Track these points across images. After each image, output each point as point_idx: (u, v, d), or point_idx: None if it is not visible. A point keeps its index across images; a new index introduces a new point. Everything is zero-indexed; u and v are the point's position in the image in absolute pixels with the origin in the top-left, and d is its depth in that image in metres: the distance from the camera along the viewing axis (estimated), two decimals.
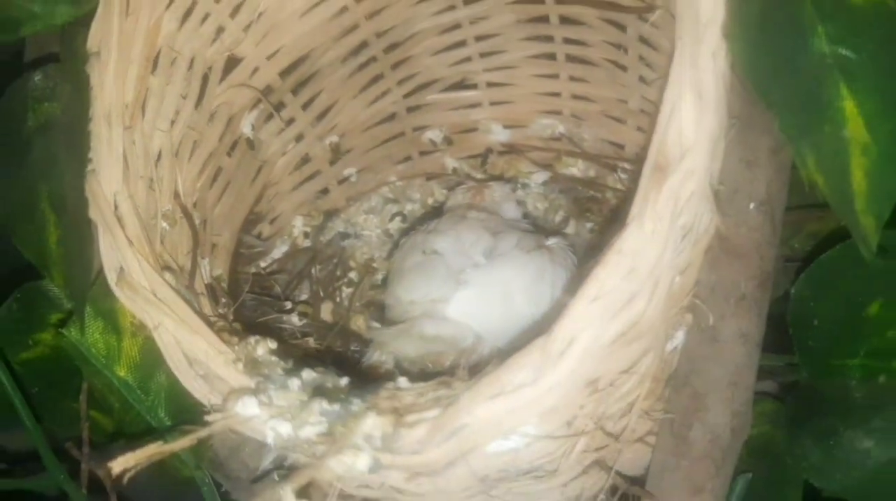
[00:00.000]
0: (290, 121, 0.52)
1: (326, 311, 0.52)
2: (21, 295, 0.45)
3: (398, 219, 0.57)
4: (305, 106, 0.53)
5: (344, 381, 0.34)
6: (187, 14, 0.43)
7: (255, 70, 0.49)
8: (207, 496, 0.41)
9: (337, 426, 0.32)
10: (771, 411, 0.41)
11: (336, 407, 0.32)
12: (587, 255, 0.48)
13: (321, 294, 0.53)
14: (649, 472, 0.38)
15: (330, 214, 0.56)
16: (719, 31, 0.32)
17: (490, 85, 0.58)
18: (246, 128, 0.49)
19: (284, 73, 0.50)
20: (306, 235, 0.55)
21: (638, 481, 0.39)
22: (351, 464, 0.31)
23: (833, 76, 0.33)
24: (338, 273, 0.54)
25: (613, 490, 0.40)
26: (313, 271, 0.54)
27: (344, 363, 0.46)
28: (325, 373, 0.34)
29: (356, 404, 0.32)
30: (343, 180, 0.57)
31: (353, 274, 0.55)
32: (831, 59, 0.33)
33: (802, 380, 0.39)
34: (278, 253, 0.54)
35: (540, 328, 0.31)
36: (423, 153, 0.59)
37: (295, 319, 0.49)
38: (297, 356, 0.37)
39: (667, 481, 0.37)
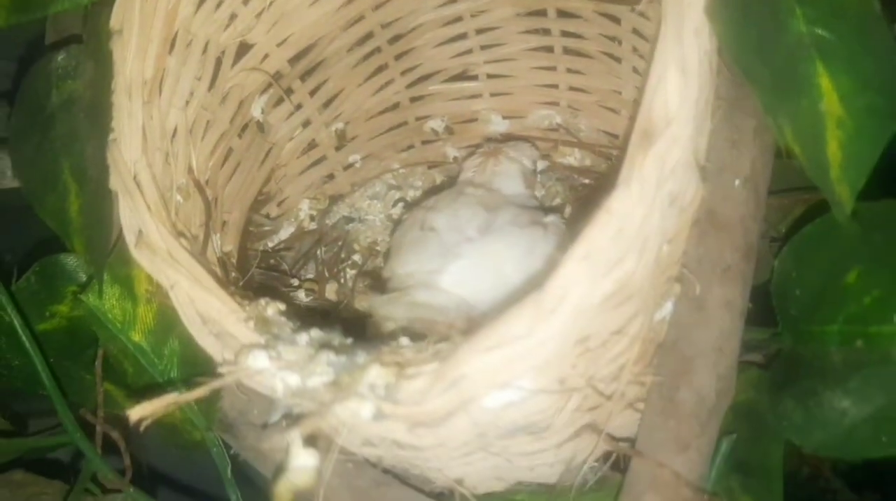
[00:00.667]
0: (298, 107, 0.55)
1: (331, 291, 0.54)
2: (40, 269, 0.47)
3: (401, 204, 0.59)
4: (313, 93, 0.55)
5: (349, 340, 0.36)
6: (203, 0, 0.46)
7: (266, 56, 0.51)
8: (217, 457, 0.43)
9: (343, 376, 0.34)
10: (756, 378, 0.43)
11: (342, 358, 0.34)
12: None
13: (326, 274, 0.55)
14: (638, 432, 0.40)
15: (335, 199, 0.59)
16: (702, 10, 0.34)
17: (490, 76, 0.60)
18: (256, 111, 0.51)
19: (293, 61, 0.53)
20: (312, 218, 0.57)
21: (627, 442, 0.41)
22: (355, 411, 0.33)
23: (810, 54, 0.36)
24: (342, 255, 0.56)
25: (606, 456, 0.42)
26: (319, 252, 0.56)
27: (348, 334, 0.48)
28: (332, 332, 0.36)
29: (361, 357, 0.34)
30: (348, 166, 0.59)
31: (356, 257, 0.57)
32: (809, 38, 0.36)
33: (785, 347, 0.41)
34: (285, 234, 0.56)
35: (533, 288, 0.33)
36: (425, 142, 0.61)
37: (302, 295, 0.51)
38: (305, 320, 0.39)
39: (654, 439, 0.39)
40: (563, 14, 0.56)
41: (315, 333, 0.37)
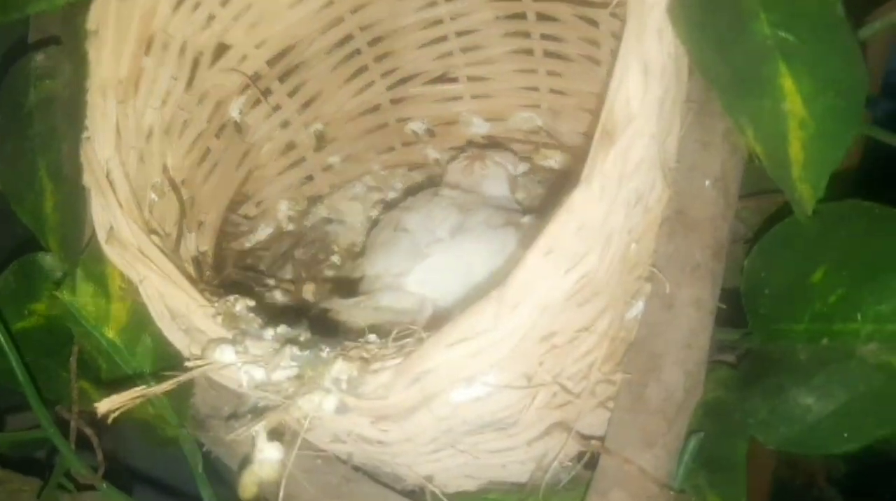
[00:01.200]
0: (277, 108, 0.55)
1: (308, 292, 0.55)
2: (18, 267, 0.48)
3: (380, 206, 0.60)
4: (291, 94, 0.55)
5: (315, 336, 0.36)
6: (180, 1, 0.46)
7: (244, 57, 0.51)
8: (190, 453, 0.43)
9: (307, 370, 0.34)
10: (726, 377, 0.43)
11: (307, 353, 0.34)
12: None
13: (303, 275, 0.55)
14: (607, 429, 0.40)
15: (314, 200, 0.59)
16: (664, 12, 0.35)
17: (471, 79, 0.60)
18: (234, 112, 0.52)
19: (272, 62, 0.53)
20: (291, 219, 0.58)
21: (599, 441, 0.41)
22: (319, 404, 0.33)
23: (774, 56, 0.36)
24: (321, 256, 0.57)
25: (580, 456, 0.42)
26: (297, 253, 0.56)
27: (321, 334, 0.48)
28: (299, 327, 0.37)
29: (326, 351, 0.35)
30: (327, 167, 0.59)
31: (335, 258, 0.57)
32: (772, 41, 0.36)
33: (753, 346, 0.42)
34: (263, 235, 0.56)
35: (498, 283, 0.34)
36: (406, 144, 0.62)
37: (278, 295, 0.52)
38: (279, 319, 0.39)
39: (622, 436, 0.39)
40: (542, 17, 0.57)
41: (282, 329, 0.37)
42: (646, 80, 0.34)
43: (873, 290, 0.37)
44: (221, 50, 0.50)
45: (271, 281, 0.53)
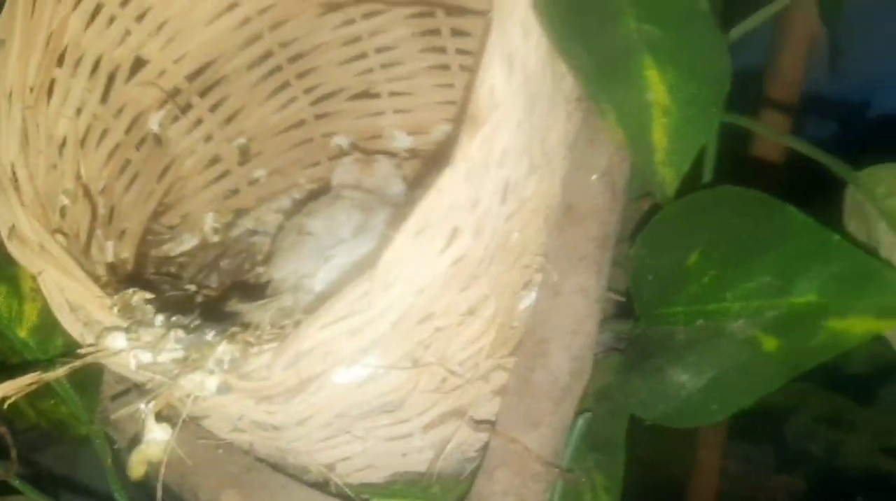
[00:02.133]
0: (199, 122, 0.57)
1: (233, 302, 0.56)
2: None
3: None
4: (213, 108, 0.57)
5: (204, 323, 0.38)
6: (93, 16, 0.48)
7: (162, 72, 0.53)
8: (100, 449, 0.44)
9: (191, 352, 0.35)
10: (617, 364, 0.45)
11: (191, 336, 0.36)
12: None
13: (227, 284, 0.57)
14: (498, 412, 0.42)
15: (240, 212, 0.61)
16: (529, 6, 0.37)
17: (392, 94, 0.63)
18: (153, 125, 0.53)
19: (191, 77, 0.55)
20: (216, 231, 0.59)
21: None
22: (200, 383, 0.35)
23: (639, 49, 0.38)
24: (246, 266, 0.58)
25: (485, 447, 0.44)
26: (222, 264, 0.58)
27: None
28: (190, 316, 0.38)
29: (210, 335, 0.36)
30: (253, 181, 0.61)
31: (260, 268, 0.59)
32: (637, 34, 0.38)
33: (638, 331, 0.43)
34: (188, 245, 0.57)
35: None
36: (331, 158, 0.64)
37: (197, 299, 0.53)
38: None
39: (510, 418, 0.41)
40: (456, 33, 0.59)
41: (174, 318, 0.38)
42: (510, 71, 0.35)
43: (741, 269, 0.39)
44: (139, 64, 0.52)
45: (192, 288, 0.54)
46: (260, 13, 0.56)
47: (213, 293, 0.55)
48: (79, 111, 0.47)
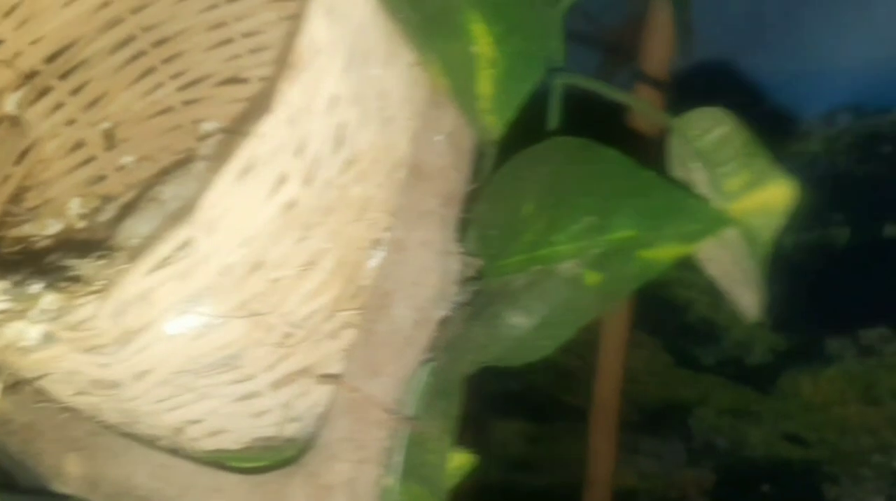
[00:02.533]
0: (60, 106, 0.57)
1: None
2: None
3: None
4: (75, 92, 0.57)
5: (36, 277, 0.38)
6: None
7: (18, 54, 0.53)
8: None
9: (16, 303, 0.35)
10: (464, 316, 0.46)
11: (17, 288, 0.36)
12: None
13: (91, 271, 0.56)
14: (345, 365, 0.42)
15: (108, 198, 0.60)
16: None
17: (261, 79, 0.63)
18: (10, 106, 0.53)
19: (49, 60, 0.55)
20: (82, 216, 0.59)
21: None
22: (23, 333, 0.34)
23: (466, 4, 0.40)
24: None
25: None
26: (88, 251, 0.57)
27: None
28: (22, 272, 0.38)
29: (36, 287, 0.36)
30: (120, 167, 0.61)
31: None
32: None
33: (483, 284, 0.44)
34: (52, 230, 0.57)
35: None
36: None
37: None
38: None
39: (353, 369, 0.41)
40: None
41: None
42: (330, 21, 0.37)
43: (568, 213, 0.40)
44: None
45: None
46: None
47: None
48: None
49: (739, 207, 0.41)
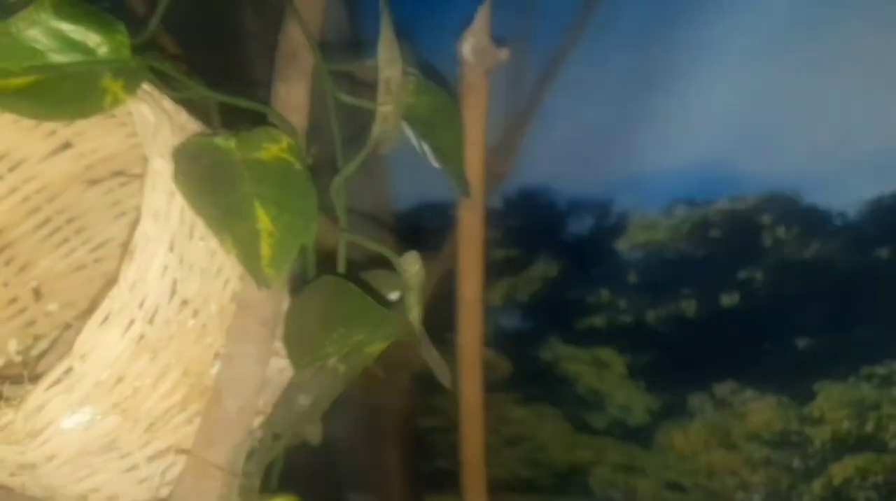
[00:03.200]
0: None
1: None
2: None
3: None
4: (7, 263, 0.78)
5: None
6: None
7: None
8: None
9: None
10: None
11: None
12: None
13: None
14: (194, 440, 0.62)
15: (38, 337, 0.81)
16: (171, 179, 0.59)
17: None
18: None
19: None
20: (19, 352, 0.79)
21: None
22: None
23: (252, 199, 0.61)
24: None
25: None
26: (26, 375, 0.77)
27: None
28: None
29: None
30: (48, 313, 0.82)
31: None
32: (251, 190, 0.61)
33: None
34: None
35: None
36: None
37: None
38: None
39: (197, 442, 0.61)
40: None
41: None
42: (155, 220, 0.58)
43: (332, 327, 0.61)
44: None
45: None
46: (38, 191, 0.78)
47: None
48: None
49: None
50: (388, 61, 0.60)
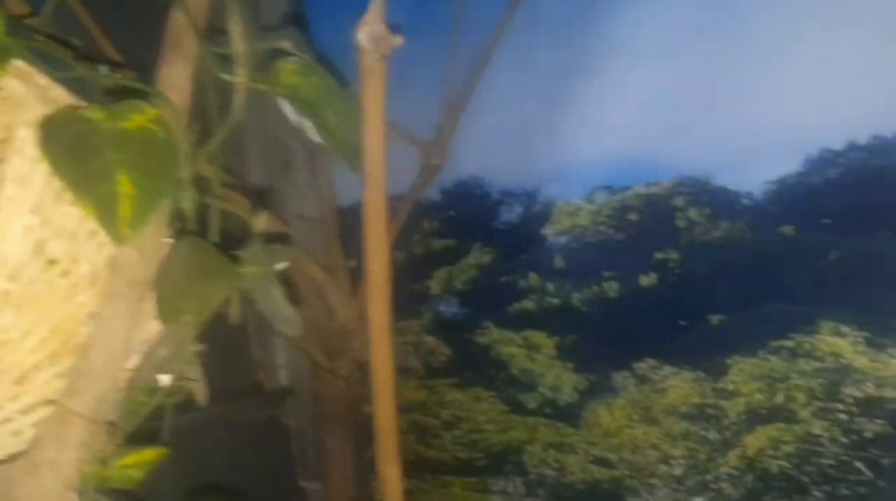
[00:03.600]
0: None
1: None
2: None
3: None
4: None
5: None
6: None
7: None
8: None
9: None
10: None
11: None
12: None
13: None
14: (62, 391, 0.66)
15: None
16: (35, 145, 0.64)
17: None
18: None
19: None
20: None
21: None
22: None
23: (115, 165, 0.65)
24: None
25: None
26: None
27: None
28: None
29: None
30: None
31: None
32: (114, 157, 0.66)
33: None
34: None
35: None
36: None
37: None
38: None
39: (64, 392, 0.66)
40: None
41: None
42: (17, 184, 0.62)
43: (191, 281, 0.66)
44: None
45: None
46: None
47: None
48: None
49: None
50: (237, 36, 0.65)
